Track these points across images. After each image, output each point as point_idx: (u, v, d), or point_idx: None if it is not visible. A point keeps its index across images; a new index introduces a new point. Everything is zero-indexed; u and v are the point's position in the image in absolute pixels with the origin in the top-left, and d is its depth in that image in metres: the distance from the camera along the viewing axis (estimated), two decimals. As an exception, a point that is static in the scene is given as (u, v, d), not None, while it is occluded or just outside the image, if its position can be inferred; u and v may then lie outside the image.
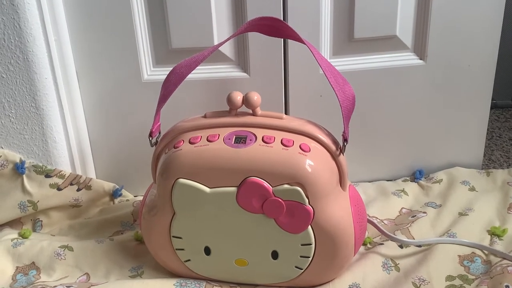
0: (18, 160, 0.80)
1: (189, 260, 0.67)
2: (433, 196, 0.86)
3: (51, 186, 0.81)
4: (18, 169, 0.79)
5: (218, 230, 0.64)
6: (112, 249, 0.76)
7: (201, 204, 0.63)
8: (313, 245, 0.63)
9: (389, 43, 0.84)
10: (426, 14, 0.82)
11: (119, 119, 0.87)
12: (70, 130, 0.83)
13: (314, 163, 0.61)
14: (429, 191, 0.87)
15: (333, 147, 0.64)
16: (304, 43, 0.64)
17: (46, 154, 0.81)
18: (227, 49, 0.83)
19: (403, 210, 0.84)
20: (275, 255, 0.65)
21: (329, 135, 0.65)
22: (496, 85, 0.89)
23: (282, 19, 0.78)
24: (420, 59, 0.85)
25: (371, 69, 0.85)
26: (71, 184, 0.82)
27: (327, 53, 0.84)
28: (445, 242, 0.73)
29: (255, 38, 0.80)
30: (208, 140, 0.63)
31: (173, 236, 0.66)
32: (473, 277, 0.68)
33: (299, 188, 0.60)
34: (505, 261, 0.69)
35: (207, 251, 0.66)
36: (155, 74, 0.84)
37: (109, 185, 0.86)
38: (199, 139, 0.63)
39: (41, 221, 0.83)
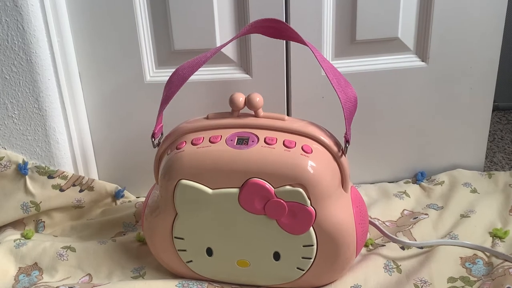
0: (21, 161, 0.80)
1: (191, 261, 0.68)
2: (435, 198, 0.86)
3: (54, 187, 0.81)
4: (21, 170, 0.80)
5: (220, 231, 0.64)
6: (114, 250, 0.76)
7: (203, 205, 0.63)
8: (315, 246, 0.63)
9: (391, 45, 0.84)
10: (428, 16, 0.82)
11: (121, 120, 0.87)
12: (72, 131, 0.83)
13: (316, 164, 0.61)
14: (431, 193, 0.87)
15: (335, 149, 0.64)
16: (306, 45, 0.64)
17: (49, 155, 0.81)
18: (230, 51, 0.83)
19: (405, 212, 0.84)
20: (277, 256, 0.65)
21: (331, 136, 0.65)
22: (498, 87, 0.89)
23: (284, 21, 0.78)
24: (422, 61, 0.86)
25: (373, 71, 0.85)
26: (74, 185, 0.83)
27: (329, 55, 0.84)
28: (447, 244, 0.73)
29: (257, 40, 0.80)
30: (210, 141, 0.63)
31: (175, 237, 0.66)
32: (475, 279, 0.68)
33: (301, 190, 0.60)
34: (507, 263, 0.69)
35: (209, 252, 0.66)
36: (157, 75, 0.84)
37: (111, 186, 0.86)
38: (201, 140, 0.63)
39: (44, 222, 0.83)
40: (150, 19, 0.81)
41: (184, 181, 0.62)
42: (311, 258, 0.64)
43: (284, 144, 0.62)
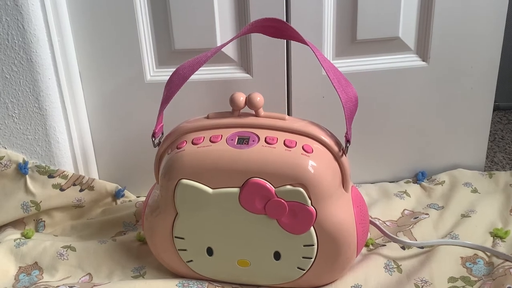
0: (21, 161, 0.80)
1: (191, 260, 0.68)
2: (435, 198, 0.86)
3: (54, 186, 0.81)
4: (21, 169, 0.80)
5: (221, 230, 0.64)
6: (114, 250, 0.76)
7: (203, 204, 0.63)
8: (316, 246, 0.63)
9: (392, 44, 0.84)
10: (429, 15, 0.82)
11: (122, 119, 0.87)
12: (73, 130, 0.83)
13: (317, 164, 0.61)
14: (432, 193, 0.87)
15: (335, 148, 0.64)
16: (307, 45, 0.64)
17: (49, 155, 0.81)
18: (230, 50, 0.83)
19: (406, 212, 0.84)
20: (277, 256, 0.65)
21: (332, 136, 0.65)
22: (498, 87, 0.89)
23: (285, 20, 0.78)
24: (423, 60, 0.85)
25: (373, 70, 0.85)
26: (74, 184, 0.83)
27: (329, 55, 0.84)
28: (448, 244, 0.73)
29: (258, 39, 0.80)
30: (211, 141, 0.63)
31: (176, 237, 0.66)
32: (476, 278, 0.68)
33: (301, 189, 0.60)
34: (507, 263, 0.69)
35: (210, 251, 0.66)
36: (158, 75, 0.84)
37: (111, 186, 0.86)
38: (202, 140, 0.63)
39: (44, 221, 0.83)
40: (150, 18, 0.81)
41: (184, 181, 0.62)
42: (311, 258, 0.64)
43: (284, 144, 0.62)
